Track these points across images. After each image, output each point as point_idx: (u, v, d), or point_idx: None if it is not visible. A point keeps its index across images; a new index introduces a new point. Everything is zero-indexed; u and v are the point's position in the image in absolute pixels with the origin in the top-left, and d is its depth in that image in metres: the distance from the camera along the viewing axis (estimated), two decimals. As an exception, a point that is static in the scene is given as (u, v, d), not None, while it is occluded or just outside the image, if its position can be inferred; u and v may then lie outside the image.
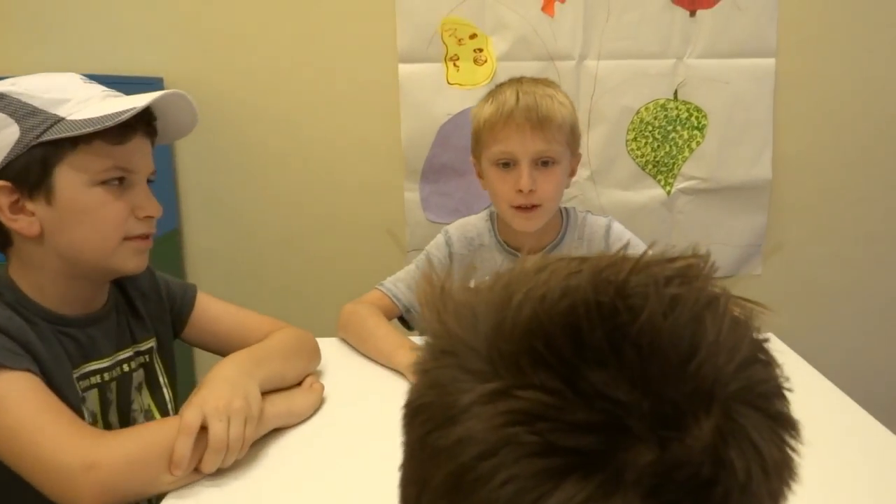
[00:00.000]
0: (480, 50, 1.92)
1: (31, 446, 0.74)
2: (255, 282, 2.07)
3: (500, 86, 1.31)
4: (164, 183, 2.01)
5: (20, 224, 0.85)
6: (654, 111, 1.93)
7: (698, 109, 1.93)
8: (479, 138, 1.28)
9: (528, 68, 1.89)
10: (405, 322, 1.39)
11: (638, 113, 1.93)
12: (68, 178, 0.84)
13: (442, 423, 0.27)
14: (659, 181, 1.97)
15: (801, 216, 1.98)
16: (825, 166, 1.95)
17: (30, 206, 0.85)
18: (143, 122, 0.89)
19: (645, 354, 0.26)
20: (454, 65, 1.94)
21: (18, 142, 0.81)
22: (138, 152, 0.89)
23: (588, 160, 1.96)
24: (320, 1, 1.92)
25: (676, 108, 1.93)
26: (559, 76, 1.92)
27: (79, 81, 0.89)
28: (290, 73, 1.97)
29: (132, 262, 0.92)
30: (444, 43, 1.92)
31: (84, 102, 0.84)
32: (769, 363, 0.30)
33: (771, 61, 1.89)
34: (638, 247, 1.32)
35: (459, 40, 1.92)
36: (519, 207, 1.25)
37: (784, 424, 0.29)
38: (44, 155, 0.82)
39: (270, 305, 1.57)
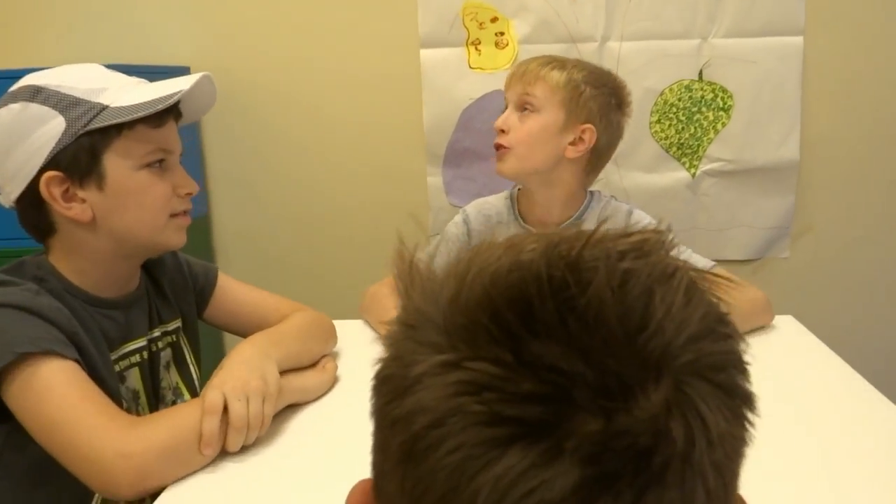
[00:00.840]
0: (502, 33, 1.92)
1: (71, 435, 0.77)
2: (281, 265, 2.11)
3: None
4: (193, 169, 2.04)
5: (74, 211, 0.88)
6: (679, 92, 1.91)
7: (724, 90, 1.90)
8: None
9: (550, 51, 1.87)
10: None
11: (661, 94, 1.91)
12: (116, 164, 0.87)
13: (399, 393, 0.28)
14: (683, 163, 1.95)
15: (830, 198, 1.94)
16: (855, 147, 1.91)
17: (81, 193, 0.88)
18: (173, 104, 0.91)
19: (591, 327, 0.27)
20: (476, 49, 1.94)
21: (65, 132, 0.84)
22: (172, 134, 0.93)
23: (611, 143, 1.94)
24: (342, -12, 1.94)
25: (701, 88, 1.90)
26: (581, 58, 1.90)
27: (105, 70, 0.92)
28: (314, 61, 1.99)
29: (176, 237, 0.96)
30: (466, 27, 1.92)
31: (122, 89, 0.87)
32: (728, 336, 0.30)
33: (799, 39, 1.85)
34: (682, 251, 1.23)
35: (481, 24, 1.92)
36: (496, 146, 1.30)
37: (736, 397, 0.29)
38: (91, 143, 0.85)
39: (296, 287, 1.61)
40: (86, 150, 0.86)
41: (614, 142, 1.36)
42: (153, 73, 1.90)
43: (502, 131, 1.28)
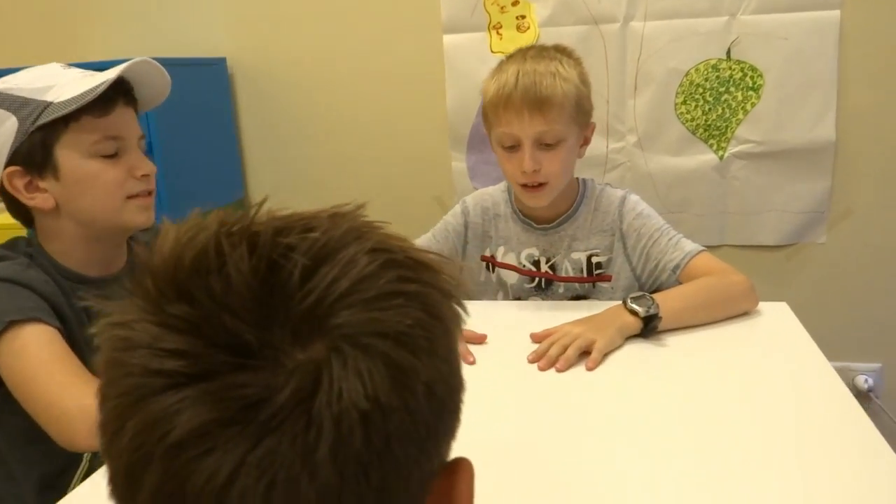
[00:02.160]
0: (523, 17, 1.92)
1: (40, 389, 0.87)
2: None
3: (507, 59, 1.28)
4: (230, 157, 2.16)
5: (37, 201, 0.98)
6: (705, 72, 1.85)
7: (753, 69, 1.83)
8: (487, 116, 1.28)
9: (572, 33, 1.87)
10: None
11: (687, 75, 1.86)
12: (67, 154, 0.95)
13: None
14: (711, 146, 1.89)
15: (870, 180, 1.84)
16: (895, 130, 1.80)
17: (42, 184, 0.97)
18: (122, 92, 0.98)
19: (234, 292, 0.30)
20: (497, 33, 1.94)
21: (18, 130, 0.93)
22: (122, 120, 0.99)
23: (635, 125, 1.91)
24: (366, -24, 1.98)
25: (729, 67, 1.84)
26: (604, 40, 1.88)
27: (59, 69, 0.99)
28: (342, 49, 2.05)
29: (139, 217, 1.03)
30: (487, 12, 1.93)
31: (65, 86, 0.95)
32: (401, 306, 0.32)
33: (835, 13, 1.76)
34: (651, 217, 1.31)
35: (502, 8, 1.92)
36: (525, 186, 1.26)
37: (392, 367, 0.31)
38: (42, 138, 0.94)
39: None
40: (38, 144, 0.94)
41: None
42: (190, 65, 2.01)
43: (535, 171, 1.21)
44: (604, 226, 1.32)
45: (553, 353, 1.04)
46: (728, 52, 1.83)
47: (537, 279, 1.35)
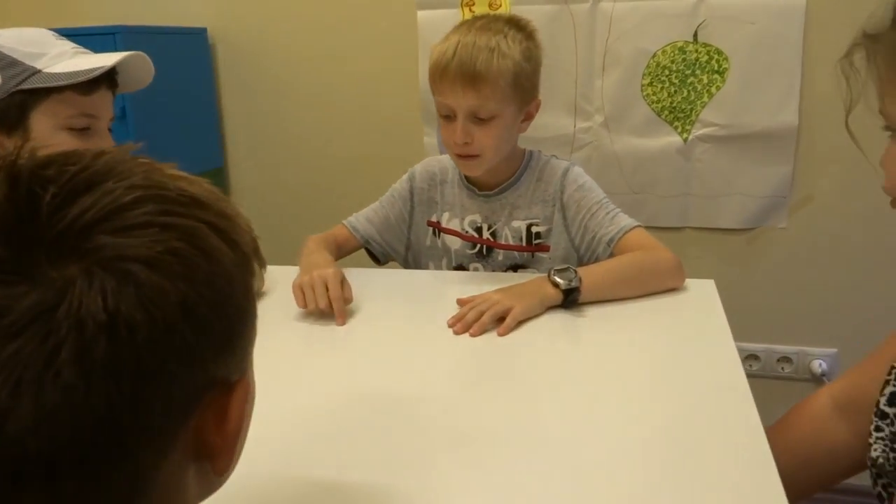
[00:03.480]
0: (495, -6, 1.94)
1: None
2: (291, 216, 2.25)
3: (455, 27, 1.30)
4: (209, 125, 2.22)
5: None
6: (672, 54, 1.87)
7: (719, 52, 1.84)
8: (430, 86, 1.31)
9: (542, 12, 1.89)
10: (372, 255, 1.48)
11: (654, 56, 1.88)
12: (41, 122, 0.99)
13: None
14: (676, 128, 1.91)
15: (831, 166, 1.85)
16: (859, 112, 1.80)
17: (7, 143, 1.00)
18: (107, 76, 1.01)
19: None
20: (470, 10, 1.97)
21: (0, 88, 0.96)
22: (101, 102, 1.03)
23: (602, 105, 1.94)
24: (343, -50, 2.01)
25: (696, 50, 1.85)
26: (573, 19, 1.90)
27: (52, 37, 1.02)
28: (319, 21, 2.09)
29: None
30: (460, -12, 1.95)
31: (58, 57, 0.98)
32: (154, 235, 0.36)
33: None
34: (592, 190, 1.35)
35: (475, -15, 1.94)
36: (459, 155, 1.29)
37: (134, 284, 0.35)
38: (22, 100, 0.97)
39: (303, 233, 1.70)
40: (16, 105, 0.98)
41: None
42: (170, 33, 2.06)
43: (466, 143, 1.24)
44: (545, 196, 1.35)
45: (469, 318, 1.08)
46: (695, 35, 1.84)
47: (478, 246, 1.39)
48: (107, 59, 0.98)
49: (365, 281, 1.26)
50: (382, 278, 1.35)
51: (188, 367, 0.38)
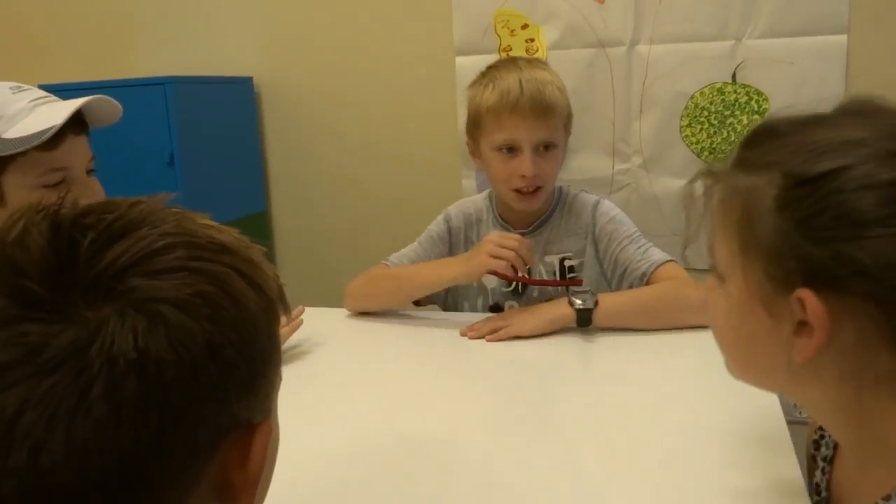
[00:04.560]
0: (532, 40, 1.97)
1: None
2: (332, 258, 2.28)
3: (498, 69, 1.33)
4: (253, 169, 2.28)
5: None
6: (710, 96, 1.86)
7: (759, 93, 1.83)
8: (480, 123, 1.32)
9: (579, 56, 1.91)
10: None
11: (692, 98, 1.87)
12: (14, 184, 0.96)
13: None
14: (716, 168, 1.89)
15: (880, 207, 1.80)
16: (906, 152, 1.76)
17: None
18: (71, 121, 0.97)
19: (32, 259, 0.37)
20: (507, 55, 2.00)
21: None
22: (71, 152, 0.99)
23: (640, 147, 1.93)
24: (383, 2, 2.08)
25: (735, 91, 1.84)
26: (610, 63, 1.91)
27: (8, 94, 0.98)
28: (361, 68, 2.15)
29: None
30: (498, 34, 1.99)
31: (15, 117, 0.95)
32: (185, 278, 0.38)
33: (842, 38, 1.74)
34: (623, 223, 1.37)
35: (512, 31, 1.98)
36: (519, 191, 1.31)
37: (164, 324, 0.36)
38: None
39: (345, 277, 1.73)
40: None
41: None
42: (218, 83, 2.14)
43: (535, 175, 1.27)
44: (577, 229, 1.36)
45: (477, 326, 1.20)
46: (733, 76, 1.84)
47: (514, 284, 1.39)
48: (63, 112, 0.96)
49: (396, 323, 1.27)
50: (417, 320, 1.36)
51: (213, 406, 0.39)
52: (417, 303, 1.50)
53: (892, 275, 0.48)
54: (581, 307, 1.15)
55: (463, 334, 1.18)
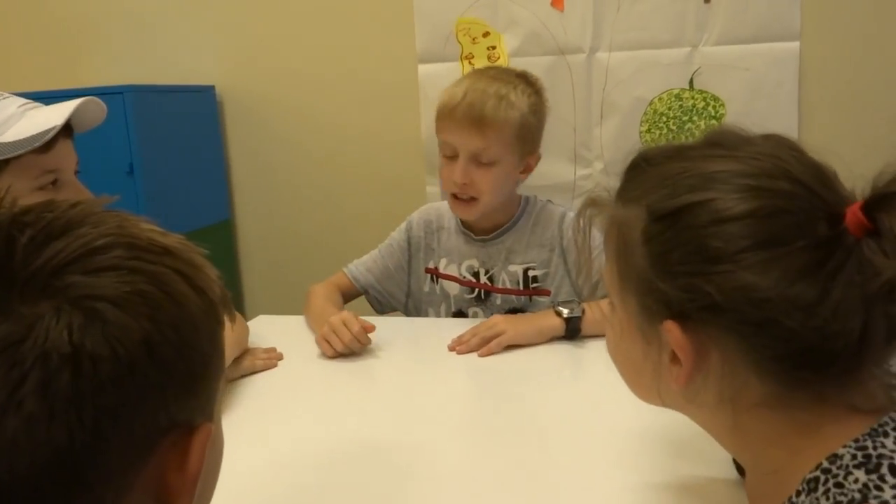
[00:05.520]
0: (493, 47, 1.99)
1: None
2: (297, 266, 2.27)
3: (468, 74, 1.36)
4: (216, 178, 2.26)
5: None
6: (669, 101, 1.90)
7: (715, 98, 1.87)
8: (435, 122, 1.34)
9: (540, 63, 1.93)
10: (377, 303, 1.49)
11: (651, 104, 1.91)
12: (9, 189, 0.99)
13: None
14: (675, 173, 1.93)
15: (833, 209, 1.85)
16: (857, 159, 1.81)
17: None
18: (61, 129, 0.99)
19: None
20: (469, 63, 2.01)
21: None
22: (61, 155, 1.01)
23: (601, 152, 1.96)
24: (346, 11, 2.08)
25: (692, 97, 1.88)
26: (570, 70, 1.94)
27: None
28: (324, 76, 2.14)
29: None
30: (460, 42, 2.01)
31: (7, 123, 0.96)
32: (122, 276, 0.38)
33: (795, 45, 1.79)
34: (594, 237, 1.36)
35: (474, 39, 2.00)
36: (455, 197, 1.32)
37: (101, 320, 0.36)
38: None
39: (308, 286, 1.71)
40: None
41: None
42: (179, 91, 2.12)
43: (465, 184, 1.28)
44: (542, 240, 1.36)
45: (465, 338, 1.16)
46: (690, 82, 1.88)
47: (477, 290, 1.40)
48: (56, 115, 0.97)
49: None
50: (381, 325, 1.35)
51: (150, 405, 0.38)
52: (381, 311, 1.51)
53: (743, 307, 0.49)
54: (570, 315, 1.15)
55: (451, 349, 1.16)
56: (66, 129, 1.03)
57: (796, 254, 0.48)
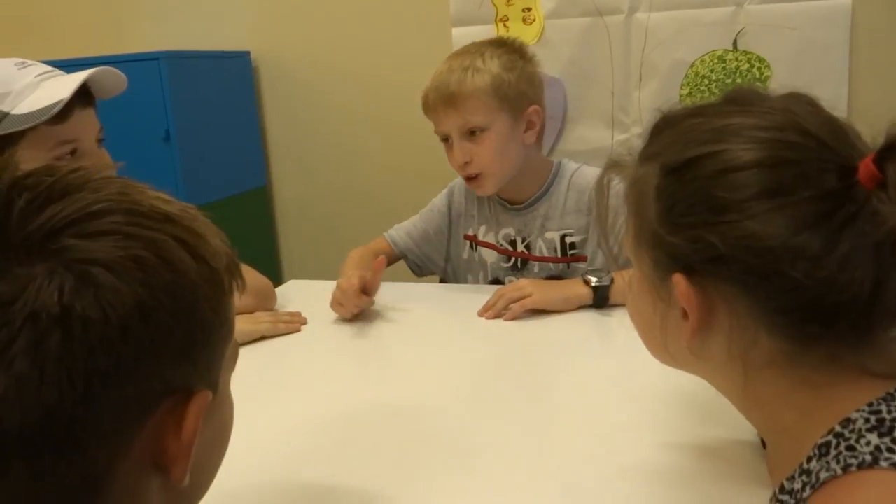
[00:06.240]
0: (529, 9, 1.94)
1: None
2: (333, 231, 2.28)
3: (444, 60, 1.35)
4: (252, 144, 2.27)
5: None
6: (711, 63, 1.83)
7: (760, 60, 1.80)
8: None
9: (576, 25, 1.89)
10: (416, 267, 1.50)
11: (693, 66, 1.85)
12: (25, 159, 0.96)
13: None
14: (716, 138, 1.87)
15: (882, 175, 1.78)
16: None
17: None
18: (78, 94, 0.98)
19: None
20: (504, 25, 1.97)
21: None
22: (78, 124, 1.00)
23: (640, 117, 1.91)
24: (379, -28, 2.05)
25: (736, 59, 1.81)
26: (608, 31, 1.88)
27: (13, 70, 0.99)
28: (358, 41, 2.13)
29: None
30: (494, 5, 1.96)
31: (22, 94, 0.96)
32: (118, 241, 0.38)
33: (846, 2, 1.71)
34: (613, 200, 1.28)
35: (508, 1, 1.95)
36: (465, 178, 1.32)
37: (94, 284, 0.36)
38: (1, 145, 0.95)
39: (346, 251, 1.73)
40: None
41: (543, 93, 1.35)
42: (214, 57, 2.12)
43: (466, 163, 1.28)
44: (579, 205, 1.34)
45: (499, 305, 1.16)
46: (734, 43, 1.81)
47: (513, 259, 1.39)
48: (70, 85, 0.97)
49: (398, 294, 1.28)
50: (415, 291, 1.36)
51: (144, 369, 0.38)
52: (420, 275, 1.51)
53: (747, 258, 0.49)
54: (598, 284, 1.14)
55: (480, 315, 1.17)
56: (86, 98, 1.02)
57: (802, 204, 0.48)
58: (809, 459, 0.48)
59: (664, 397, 0.84)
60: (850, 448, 0.45)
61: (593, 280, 1.15)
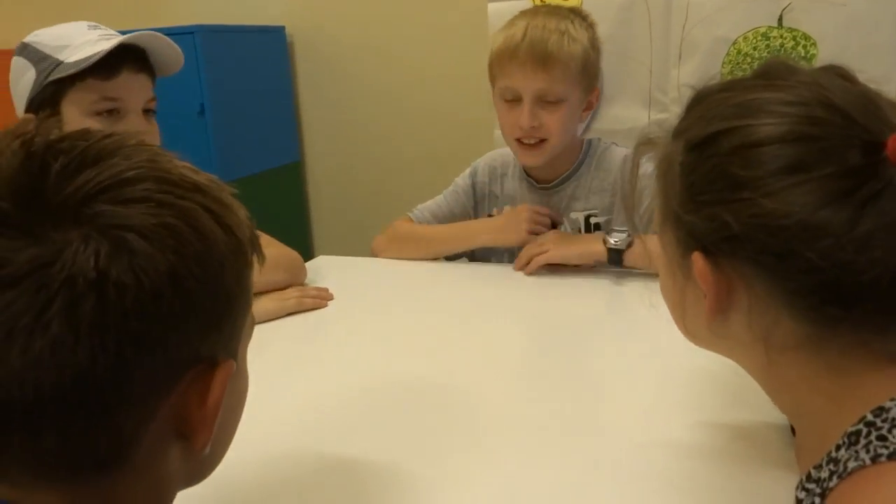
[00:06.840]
0: (567, -16, 1.90)
1: None
2: (365, 207, 2.29)
3: (520, 15, 1.31)
4: (286, 119, 2.28)
5: None
6: (754, 41, 1.77)
7: (806, 37, 1.73)
8: (491, 69, 1.31)
9: (615, 0, 1.84)
10: None
11: (735, 43, 1.79)
12: (70, 110, 1.03)
13: None
14: (758, 118, 1.82)
15: (932, 158, 1.72)
16: None
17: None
18: (131, 58, 1.04)
19: (2, 177, 0.37)
20: (541, 1, 1.93)
21: (35, 81, 1.03)
22: (126, 85, 1.04)
23: (678, 96, 1.86)
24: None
25: (781, 36, 1.75)
26: (648, 7, 1.83)
27: (83, 29, 1.06)
28: (392, 16, 2.11)
29: None
30: (532, -22, 1.92)
31: (79, 47, 1.02)
32: (150, 209, 0.38)
33: (899, -23, 1.64)
34: (643, 177, 1.29)
35: (546, -25, 1.91)
36: (522, 142, 1.28)
37: (128, 250, 0.37)
38: (53, 92, 1.03)
39: (377, 227, 1.74)
40: (49, 97, 1.03)
41: None
42: (249, 32, 2.13)
43: (533, 127, 1.24)
44: (604, 185, 1.33)
45: (522, 259, 1.25)
46: (779, 20, 1.75)
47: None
48: (113, 41, 1.00)
49: (425, 272, 1.27)
50: (438, 270, 1.36)
51: (174, 337, 0.39)
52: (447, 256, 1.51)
53: (762, 236, 0.47)
54: (613, 246, 1.16)
55: (516, 270, 1.25)
56: (140, 63, 1.06)
57: (822, 181, 0.46)
58: (838, 448, 0.47)
59: (693, 377, 0.84)
60: (882, 438, 0.44)
61: (611, 241, 1.17)
